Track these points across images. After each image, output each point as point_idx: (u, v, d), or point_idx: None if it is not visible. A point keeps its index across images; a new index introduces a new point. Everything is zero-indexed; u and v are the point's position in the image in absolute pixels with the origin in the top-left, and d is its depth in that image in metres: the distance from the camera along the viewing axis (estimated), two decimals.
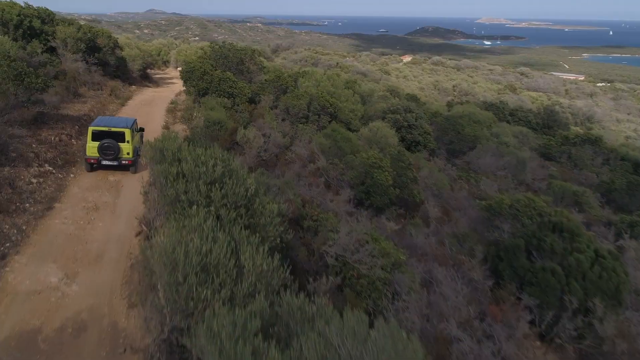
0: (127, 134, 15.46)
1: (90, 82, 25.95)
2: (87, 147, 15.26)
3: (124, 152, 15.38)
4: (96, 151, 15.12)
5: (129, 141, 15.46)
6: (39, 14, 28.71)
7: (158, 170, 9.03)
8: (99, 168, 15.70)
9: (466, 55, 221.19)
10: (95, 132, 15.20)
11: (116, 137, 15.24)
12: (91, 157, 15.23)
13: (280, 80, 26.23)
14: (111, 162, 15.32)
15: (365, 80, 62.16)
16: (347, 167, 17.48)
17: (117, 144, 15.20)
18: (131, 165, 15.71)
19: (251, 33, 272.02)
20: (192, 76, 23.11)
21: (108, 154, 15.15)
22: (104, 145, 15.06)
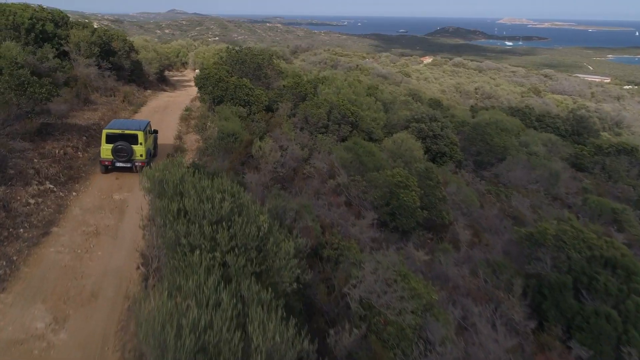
0: (140, 137, 15.64)
1: (102, 88, 24.96)
2: (101, 150, 15.50)
3: (137, 154, 15.59)
4: (110, 153, 15.34)
5: (142, 143, 15.63)
6: (53, 17, 27.86)
7: (157, 206, 7.74)
8: (113, 170, 15.83)
9: (487, 56, 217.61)
10: (109, 135, 15.45)
11: (129, 140, 15.47)
12: (105, 159, 15.49)
13: (299, 87, 24.88)
14: (124, 164, 15.53)
15: (386, 83, 60.54)
16: (371, 185, 16.03)
17: (130, 146, 15.38)
18: (144, 167, 15.48)
19: (270, 33, 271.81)
20: (206, 83, 21.92)
21: (121, 156, 15.37)
22: (118, 148, 15.28)
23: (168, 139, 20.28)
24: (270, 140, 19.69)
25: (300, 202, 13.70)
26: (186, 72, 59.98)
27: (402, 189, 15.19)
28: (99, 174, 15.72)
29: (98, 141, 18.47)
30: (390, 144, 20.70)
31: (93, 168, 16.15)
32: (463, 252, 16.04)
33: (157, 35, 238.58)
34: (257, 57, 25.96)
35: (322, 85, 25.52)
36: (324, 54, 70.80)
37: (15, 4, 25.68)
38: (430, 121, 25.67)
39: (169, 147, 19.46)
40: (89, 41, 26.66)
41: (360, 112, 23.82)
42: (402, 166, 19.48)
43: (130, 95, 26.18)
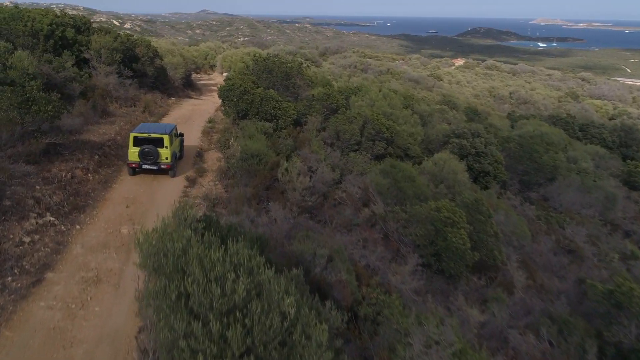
0: (166, 140, 15.98)
1: (123, 98, 23.49)
2: (129, 152, 15.88)
3: (162, 157, 15.93)
4: (137, 156, 15.70)
5: (168, 147, 15.97)
6: (75, 22, 26.57)
7: (150, 290, 5.87)
8: (140, 172, 16.22)
9: (520, 57, 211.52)
10: (136, 138, 15.82)
11: (155, 143, 15.80)
12: (133, 162, 15.90)
13: (329, 99, 22.89)
14: (151, 166, 15.89)
15: (418, 88, 58.00)
16: (412, 219, 13.92)
17: (156, 149, 15.72)
18: (170, 170, 16.30)
19: (299, 34, 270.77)
20: (230, 95, 20.13)
21: (148, 158, 15.75)
22: (144, 151, 15.62)
23: (188, 158, 18.58)
24: (298, 160, 17.77)
25: (332, 246, 11.72)
26: (214, 75, 58.77)
27: (450, 227, 13.02)
28: (108, 201, 14.09)
29: (111, 160, 16.91)
30: (430, 165, 18.50)
31: (103, 193, 14.52)
32: (518, 299, 13.78)
33: (188, 35, 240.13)
34: (286, 65, 24.07)
35: (354, 97, 23.45)
36: (354, 56, 68.62)
37: (36, 10, 24.46)
38: (472, 137, 23.32)
39: (188, 166, 17.75)
40: (111, 47, 25.25)
41: (396, 127, 21.68)
42: (445, 192, 17.30)
43: (151, 104, 24.65)
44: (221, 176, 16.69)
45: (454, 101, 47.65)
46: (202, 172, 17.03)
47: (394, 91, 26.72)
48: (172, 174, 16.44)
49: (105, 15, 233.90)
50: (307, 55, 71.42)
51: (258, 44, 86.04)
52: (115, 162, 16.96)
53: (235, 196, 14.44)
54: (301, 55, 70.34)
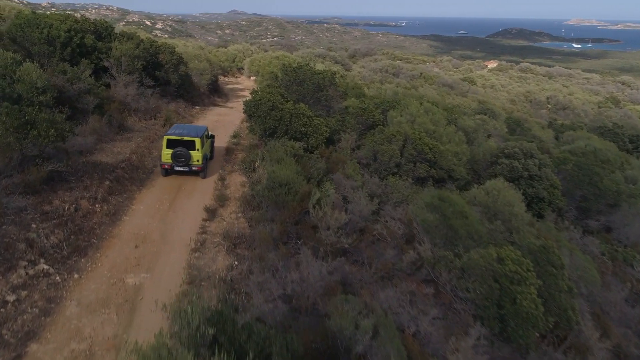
0: (197, 143, 16.24)
1: (142, 110, 21.74)
2: (162, 154, 16.22)
3: (194, 159, 16.24)
4: (170, 158, 16.05)
5: (199, 149, 16.26)
6: (96, 28, 24.99)
7: None
8: (172, 173, 16.54)
9: (553, 58, 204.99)
10: (169, 140, 16.15)
11: (187, 146, 16.13)
12: (165, 163, 16.21)
13: (365, 113, 20.62)
14: (182, 168, 16.25)
15: (452, 94, 55.11)
16: (468, 270, 11.57)
17: (188, 151, 16.04)
18: (200, 171, 16.61)
19: (327, 34, 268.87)
20: (257, 111, 18.07)
21: (180, 160, 16.09)
22: (177, 153, 15.97)
23: (208, 181, 16.61)
24: (331, 187, 15.60)
25: (376, 309, 9.49)
26: (241, 79, 57.14)
27: (518, 286, 10.62)
28: (115, 239, 12.17)
29: (124, 186, 15.05)
30: (482, 195, 16.04)
31: (110, 229, 12.61)
32: None
33: (218, 36, 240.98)
34: (318, 76, 21.89)
35: (392, 112, 21.11)
36: (385, 60, 66.04)
37: (54, 15, 22.94)
38: (525, 157, 20.70)
39: (209, 191, 15.77)
40: (132, 55, 23.55)
41: (439, 147, 19.27)
42: (502, 230, 14.84)
43: (172, 116, 22.84)
44: (245, 206, 14.63)
45: (492, 109, 44.69)
46: (224, 200, 14.99)
47: (435, 103, 24.24)
48: (203, 175, 16.71)
49: (138, 16, 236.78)
50: (337, 58, 69.26)
51: (286, 46, 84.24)
52: (128, 187, 15.09)
53: (260, 236, 12.33)
54: (331, 58, 68.22)
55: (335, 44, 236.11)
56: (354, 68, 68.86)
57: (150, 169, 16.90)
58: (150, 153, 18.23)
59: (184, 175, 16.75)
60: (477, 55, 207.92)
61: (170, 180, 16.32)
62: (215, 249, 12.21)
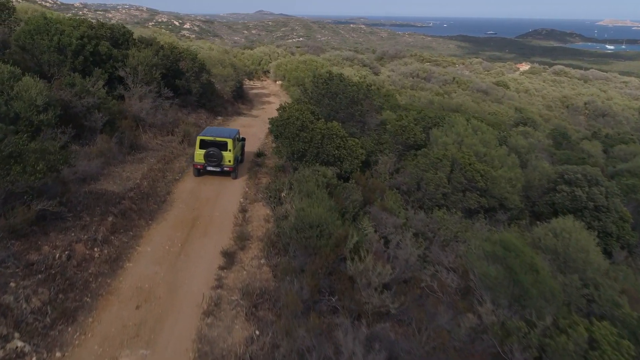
0: (230, 144, 16.45)
1: (158, 124, 19.68)
2: (195, 154, 16.42)
3: (225, 160, 16.36)
4: (202, 158, 16.22)
5: (231, 150, 16.45)
6: (112, 34, 23.09)
7: None
8: (204, 173, 16.72)
9: (585, 60, 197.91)
10: (202, 141, 16.35)
11: (220, 146, 16.30)
12: (198, 163, 16.43)
13: (405, 133, 18.11)
14: (215, 168, 16.39)
15: (488, 100, 51.92)
16: (552, 356, 9.03)
17: (220, 152, 16.21)
18: (232, 172, 16.77)
19: (353, 34, 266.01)
20: (285, 131, 15.75)
21: (212, 161, 16.23)
22: (209, 153, 16.15)
23: (227, 212, 14.36)
24: (369, 224, 13.21)
25: None
26: (267, 83, 55.08)
27: None
28: (113, 295, 10.00)
29: (131, 221, 12.94)
30: (549, 238, 13.36)
31: (109, 280, 10.46)
32: None
33: (244, 36, 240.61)
34: (352, 89, 19.43)
35: (436, 130, 18.53)
36: (415, 63, 63.09)
37: (68, 21, 21.08)
38: (588, 185, 17.88)
39: (227, 225, 13.53)
40: (150, 63, 21.55)
41: (491, 173, 16.64)
42: (579, 287, 12.16)
43: (192, 131, 20.72)
44: (269, 249, 12.32)
45: (532, 118, 41.48)
46: (244, 239, 12.72)
47: (481, 119, 21.52)
48: (234, 176, 16.88)
49: (167, 16, 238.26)
50: (365, 61, 66.70)
51: (312, 47, 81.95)
52: (135, 222, 12.96)
53: (287, 298, 9.98)
54: (359, 61, 65.67)
55: (361, 45, 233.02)
56: (383, 72, 66.16)
57: (162, 197, 14.75)
58: (164, 177, 16.10)
59: (204, 199, 14.64)
60: (506, 57, 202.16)
61: (185, 211, 14.14)
62: (233, 311, 9.92)
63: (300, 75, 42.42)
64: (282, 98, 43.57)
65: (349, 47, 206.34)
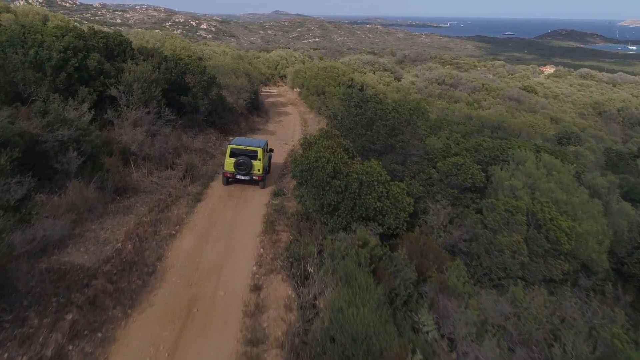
0: (260, 153, 16.20)
1: (156, 156, 16.00)
2: (225, 163, 16.30)
3: (255, 169, 16.13)
4: (232, 166, 16.04)
5: (260, 159, 16.19)
6: (107, 44, 19.48)
7: None
8: (233, 182, 16.48)
9: (607, 61, 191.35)
10: (233, 150, 16.23)
11: (250, 155, 16.08)
12: (228, 172, 16.23)
13: (461, 172, 14.15)
14: (244, 176, 16.15)
15: (522, 110, 47.48)
16: None
17: (250, 161, 16.00)
18: (260, 181, 16.43)
19: (370, 35, 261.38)
20: (312, 178, 11.93)
21: (242, 169, 15.99)
22: (239, 162, 15.94)
23: (235, 289, 10.59)
24: (429, 318, 9.37)
25: None
26: (283, 89, 51.31)
27: None
28: None
29: (102, 312, 9.22)
30: None
31: None
32: None
33: (260, 36, 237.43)
34: (392, 115, 15.48)
35: (501, 171, 14.51)
36: (439, 68, 58.75)
37: (51, 29, 17.52)
38: None
39: (234, 318, 9.77)
40: (149, 79, 17.91)
41: (577, 229, 12.62)
42: None
43: (196, 162, 17.02)
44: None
45: (576, 133, 37.06)
46: (257, 344, 8.94)
47: (546, 149, 17.42)
48: (262, 185, 16.58)
49: (184, 16, 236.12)
50: (386, 65, 62.58)
51: (331, 50, 77.99)
52: (109, 313, 9.22)
53: None
54: (380, 65, 61.58)
55: (377, 45, 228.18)
56: (405, 77, 61.99)
57: (151, 266, 11.01)
58: (157, 232, 12.37)
59: (206, 266, 10.89)
60: (526, 58, 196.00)
61: (180, 288, 10.40)
62: None
63: (320, 83, 38.57)
64: (300, 108, 39.78)
65: (365, 47, 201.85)
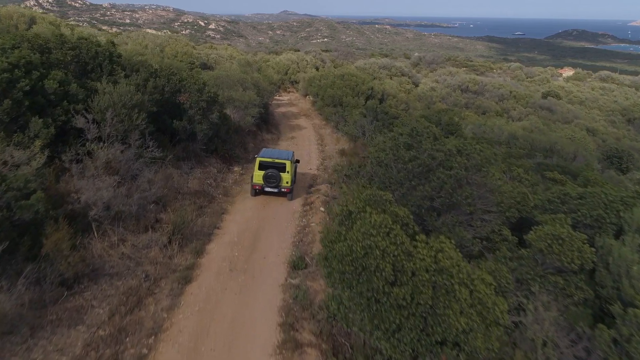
0: (288, 165, 16.01)
1: (133, 212, 11.55)
2: (254, 175, 15.98)
3: (283, 181, 15.90)
4: (261, 179, 15.77)
5: (289, 172, 16.01)
6: (78, 56, 15.04)
7: None
8: (261, 193, 16.17)
9: (619, 62, 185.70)
10: (261, 163, 15.91)
11: (278, 168, 15.87)
12: (257, 184, 15.95)
13: (564, 249, 9.58)
14: (272, 189, 15.91)
15: (557, 122, 42.65)
16: None
17: (279, 173, 15.78)
18: (288, 193, 16.15)
19: (379, 35, 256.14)
20: (358, 285, 7.43)
21: (271, 182, 15.79)
22: (268, 174, 15.69)
23: None
24: None
25: None
26: (295, 96, 46.81)
27: None
28: None
29: None
30: None
31: None
32: None
33: (269, 36, 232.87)
34: (454, 160, 10.87)
35: (618, 245, 9.91)
36: (464, 75, 53.93)
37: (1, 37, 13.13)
38: None
39: None
40: (131, 104, 13.50)
41: None
42: None
43: (191, 215, 12.59)
44: None
45: (628, 151, 32.19)
46: None
47: None
48: (290, 197, 16.28)
49: (192, 16, 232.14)
50: (404, 70, 57.84)
51: (344, 53, 73.29)
52: None
53: None
54: (397, 70, 56.86)
55: (386, 45, 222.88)
56: (424, 82, 57.23)
57: None
58: (121, 352, 7.93)
59: None
60: (538, 59, 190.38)
61: None
62: None
63: (337, 93, 34.01)
64: (314, 120, 35.25)
65: (374, 47, 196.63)
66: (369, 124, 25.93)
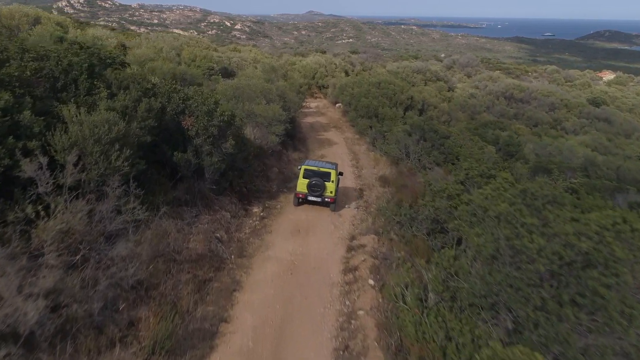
0: (333, 175, 15.80)
1: (92, 321, 7.43)
2: (298, 184, 15.75)
3: (327, 190, 15.64)
4: (305, 187, 15.55)
5: (333, 181, 15.76)
6: (42, 69, 10.98)
7: None
8: (304, 202, 15.91)
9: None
10: (306, 171, 15.77)
11: (323, 177, 15.66)
12: (300, 193, 15.71)
13: None
14: (316, 198, 15.60)
15: (621, 137, 37.18)
16: None
17: (323, 182, 15.55)
18: (332, 203, 15.83)
19: (404, 35, 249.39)
20: None
21: (315, 190, 15.52)
22: (312, 183, 15.48)
23: None
24: None
25: None
26: (323, 103, 42.52)
27: None
28: None
29: None
30: None
31: None
32: None
33: (294, 37, 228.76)
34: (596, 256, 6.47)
35: None
36: (509, 80, 48.60)
37: None
38: None
39: None
40: (108, 139, 9.36)
41: None
42: None
43: (184, 306, 8.40)
44: None
45: None
46: None
47: None
48: (333, 208, 15.89)
49: (219, 17, 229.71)
50: (439, 75, 52.81)
51: (373, 54, 68.50)
52: None
53: None
54: (432, 74, 51.89)
55: (412, 46, 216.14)
56: (460, 87, 52.15)
57: None
58: None
59: None
60: (569, 60, 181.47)
61: None
62: None
63: (372, 103, 29.51)
64: (346, 133, 30.80)
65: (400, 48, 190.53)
66: (415, 144, 21.39)
